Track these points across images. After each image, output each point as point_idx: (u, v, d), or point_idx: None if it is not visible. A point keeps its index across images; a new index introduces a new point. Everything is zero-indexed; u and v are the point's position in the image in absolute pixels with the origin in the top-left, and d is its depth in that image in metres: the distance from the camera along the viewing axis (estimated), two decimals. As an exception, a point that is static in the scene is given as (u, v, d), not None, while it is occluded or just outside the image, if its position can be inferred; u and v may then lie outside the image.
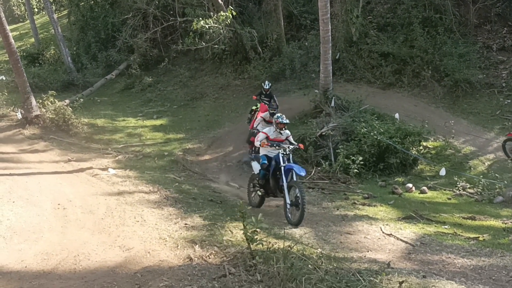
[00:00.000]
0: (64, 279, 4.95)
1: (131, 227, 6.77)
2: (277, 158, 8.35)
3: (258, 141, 8.79)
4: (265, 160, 8.62)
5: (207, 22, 16.36)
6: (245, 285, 4.34)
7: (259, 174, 8.77)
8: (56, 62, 23.02)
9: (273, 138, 8.89)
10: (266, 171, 8.59)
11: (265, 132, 9.06)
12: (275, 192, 8.49)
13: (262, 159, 8.74)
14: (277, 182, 8.35)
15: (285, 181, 8.02)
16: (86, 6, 23.94)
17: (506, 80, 15.64)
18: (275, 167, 8.41)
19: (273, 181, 8.46)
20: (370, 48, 17.38)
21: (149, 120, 16.62)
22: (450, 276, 5.06)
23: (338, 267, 4.75)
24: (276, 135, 8.93)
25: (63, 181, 9.46)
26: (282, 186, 8.07)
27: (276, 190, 8.43)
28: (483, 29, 17.71)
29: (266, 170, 8.57)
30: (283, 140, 8.94)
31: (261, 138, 8.87)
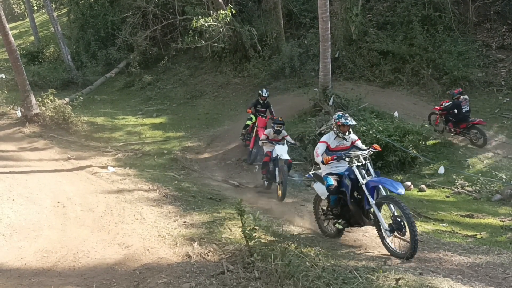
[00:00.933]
0: (64, 276, 4.99)
1: (130, 225, 6.79)
2: (351, 174, 6.28)
3: (319, 156, 6.73)
4: (331, 181, 6.55)
5: (207, 21, 16.37)
6: (243, 282, 4.37)
7: (329, 201, 6.72)
8: (56, 60, 23.09)
9: (335, 147, 6.86)
10: (337, 195, 6.60)
11: (324, 140, 6.92)
12: (362, 220, 6.38)
13: (326, 180, 6.66)
14: (360, 205, 6.28)
15: (372, 201, 6.02)
16: (86, 4, 23.96)
17: (505, 79, 15.68)
18: (352, 187, 6.32)
19: (354, 206, 6.32)
20: (369, 46, 17.42)
21: (148, 118, 16.66)
22: (447, 273, 5.09)
23: (335, 264, 4.79)
24: (339, 142, 6.87)
25: (62, 179, 9.48)
26: (369, 210, 6.16)
27: (361, 217, 6.33)
28: (482, 27, 17.73)
29: (337, 193, 6.59)
30: (349, 147, 6.88)
31: (320, 150, 6.78)
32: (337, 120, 6.80)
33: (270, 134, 10.78)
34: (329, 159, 6.49)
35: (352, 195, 6.31)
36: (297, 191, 10.61)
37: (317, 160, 6.75)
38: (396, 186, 5.82)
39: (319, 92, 14.46)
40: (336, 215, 6.70)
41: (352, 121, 6.78)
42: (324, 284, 4.05)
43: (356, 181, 6.18)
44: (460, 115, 12.72)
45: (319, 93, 14.39)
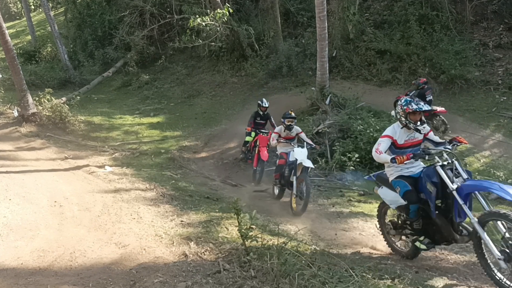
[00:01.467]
0: (60, 275, 4.98)
1: (127, 224, 6.78)
2: (433, 177, 5.03)
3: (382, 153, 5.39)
4: (407, 185, 5.28)
5: (204, 20, 16.37)
6: (239, 281, 4.38)
7: (407, 212, 5.41)
8: (53, 59, 23.09)
9: (404, 143, 5.49)
10: (418, 204, 5.27)
11: (387, 135, 5.52)
12: (452, 237, 5.15)
13: (398, 186, 5.40)
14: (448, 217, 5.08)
15: (473, 218, 4.76)
16: (83, 4, 23.98)
17: (502, 78, 15.69)
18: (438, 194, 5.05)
19: (441, 219, 5.11)
20: (366, 45, 17.44)
21: (146, 118, 16.66)
22: (442, 271, 5.11)
23: (331, 263, 4.80)
24: (409, 136, 5.50)
25: (59, 179, 9.47)
26: (460, 223, 5.08)
27: (451, 232, 5.12)
28: (479, 26, 17.74)
29: (417, 201, 5.26)
30: (421, 142, 5.58)
31: (383, 147, 5.44)
32: (405, 106, 5.34)
33: (281, 131, 9.73)
34: (405, 158, 5.11)
35: (437, 205, 5.04)
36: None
37: (380, 159, 5.40)
38: (509, 192, 4.39)
39: (316, 91, 14.47)
40: (416, 231, 5.38)
41: (426, 106, 5.39)
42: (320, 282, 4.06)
43: (441, 185, 4.97)
44: None
45: (317, 92, 14.40)
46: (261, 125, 12.18)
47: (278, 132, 9.73)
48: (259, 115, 12.27)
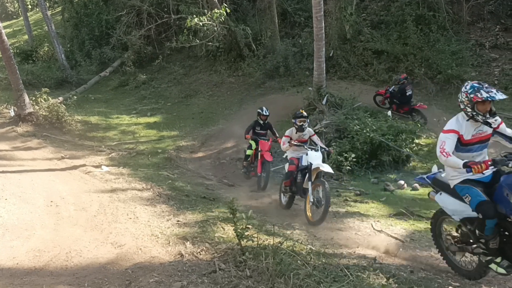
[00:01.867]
0: (56, 275, 4.99)
1: (124, 224, 6.79)
2: None
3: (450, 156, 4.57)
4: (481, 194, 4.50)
5: (201, 20, 16.37)
6: (235, 280, 4.39)
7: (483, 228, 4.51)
8: (50, 59, 23.06)
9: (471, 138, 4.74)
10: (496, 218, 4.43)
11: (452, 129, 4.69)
12: None
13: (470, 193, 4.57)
14: None
15: None
16: (80, 3, 23.94)
17: (498, 78, 15.73)
18: None
19: None
20: (363, 45, 17.45)
21: (143, 118, 16.65)
22: (437, 271, 5.14)
23: (326, 263, 4.83)
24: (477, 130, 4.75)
25: (56, 178, 9.47)
26: None
27: None
28: (476, 26, 17.80)
29: (495, 216, 4.41)
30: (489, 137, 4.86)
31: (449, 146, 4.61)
32: (472, 94, 4.45)
33: (293, 134, 8.87)
34: (484, 168, 4.26)
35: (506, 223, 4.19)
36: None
37: (449, 163, 4.51)
38: None
39: (313, 91, 14.49)
40: (492, 251, 4.45)
41: (500, 94, 4.42)
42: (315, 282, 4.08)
43: None
44: (405, 98, 13.83)
45: (313, 92, 14.42)
46: (262, 135, 11.13)
47: (289, 135, 8.81)
48: (259, 124, 11.22)
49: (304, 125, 8.77)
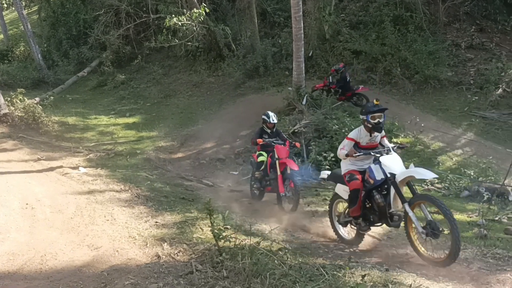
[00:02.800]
0: (29, 279, 4.91)
1: (101, 226, 6.72)
2: None
3: None
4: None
5: (180, 19, 16.27)
6: (211, 281, 4.39)
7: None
8: (26, 59, 22.70)
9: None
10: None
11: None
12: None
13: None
14: None
15: None
16: (57, 2, 23.57)
17: (474, 78, 16.04)
18: None
19: None
20: (342, 45, 17.59)
21: (121, 118, 16.50)
22: (412, 269, 5.21)
23: (303, 262, 4.85)
24: None
25: (32, 180, 9.31)
26: None
27: None
28: (452, 27, 18.12)
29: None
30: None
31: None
32: None
33: (360, 136, 6.24)
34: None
35: None
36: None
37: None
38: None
39: (292, 91, 14.55)
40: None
41: None
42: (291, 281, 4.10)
43: None
44: (347, 85, 14.60)
45: (293, 92, 14.47)
46: (269, 146, 9.22)
47: (355, 138, 6.23)
48: (266, 132, 9.48)
49: (381, 122, 6.10)
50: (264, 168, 9.17)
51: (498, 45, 17.03)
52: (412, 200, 5.57)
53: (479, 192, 9.95)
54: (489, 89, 15.11)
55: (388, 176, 5.74)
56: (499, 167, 11.23)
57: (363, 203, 6.07)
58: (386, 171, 5.78)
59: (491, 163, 11.31)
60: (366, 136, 6.20)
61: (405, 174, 5.62)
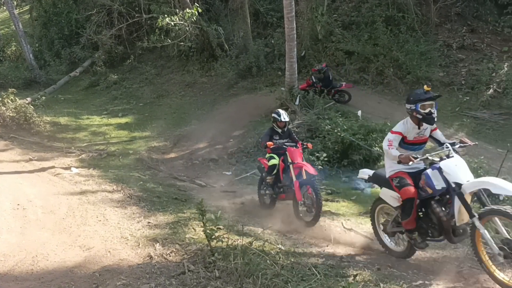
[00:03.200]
0: (20, 280, 4.89)
1: (93, 227, 6.71)
2: None
3: None
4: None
5: (173, 19, 16.26)
6: (203, 281, 4.39)
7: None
8: (18, 59, 22.58)
9: None
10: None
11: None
12: None
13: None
14: None
15: None
16: (49, 2, 23.47)
17: (465, 78, 16.16)
18: None
19: None
20: (335, 46, 17.67)
21: (114, 118, 16.43)
22: (404, 268, 5.24)
23: (295, 262, 4.87)
24: None
25: (23, 181, 9.26)
26: None
27: None
28: (443, 28, 18.24)
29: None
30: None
31: None
32: None
33: (408, 130, 5.40)
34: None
35: None
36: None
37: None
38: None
39: (285, 91, 14.58)
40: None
41: None
42: (283, 281, 4.11)
43: None
44: (330, 83, 15.14)
45: (286, 93, 14.50)
46: (280, 148, 8.34)
47: (402, 131, 5.34)
48: (276, 133, 8.62)
49: (433, 112, 5.23)
50: (276, 173, 8.31)
51: (489, 46, 17.16)
52: (484, 213, 4.59)
53: (470, 192, 9.98)
54: (480, 90, 15.24)
55: (452, 186, 4.81)
56: (490, 166, 11.30)
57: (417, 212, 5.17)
58: (449, 179, 4.85)
59: (482, 162, 11.36)
60: (413, 129, 5.32)
61: (476, 186, 4.69)
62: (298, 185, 7.71)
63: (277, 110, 8.83)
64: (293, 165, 7.96)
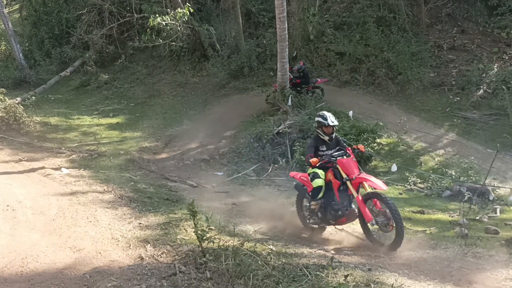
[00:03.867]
0: (10, 282, 4.85)
1: (83, 228, 6.67)
2: None
3: None
4: None
5: (164, 19, 16.19)
6: (194, 282, 4.38)
7: None
8: (7, 58, 22.37)
9: None
10: None
11: None
12: None
13: None
14: None
15: None
16: (39, 1, 23.21)
17: (456, 79, 16.25)
18: None
19: None
20: (326, 46, 17.68)
21: (105, 118, 16.33)
22: (394, 268, 5.27)
23: (286, 263, 4.88)
24: None
25: (13, 182, 9.18)
26: None
27: None
28: (434, 28, 18.34)
29: None
30: None
31: None
32: None
33: None
34: None
35: None
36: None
37: None
38: None
39: (277, 91, 14.58)
40: None
41: None
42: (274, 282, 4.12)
43: None
44: (308, 80, 15.26)
45: (278, 93, 14.51)
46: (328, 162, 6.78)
47: None
48: (323, 142, 6.95)
49: None
50: (324, 195, 6.70)
51: (479, 47, 17.29)
52: None
53: (460, 192, 10.05)
54: (470, 90, 15.33)
55: None
56: (480, 167, 11.41)
57: None
58: None
59: (473, 163, 11.48)
60: None
61: None
62: (362, 201, 6.34)
63: (322, 113, 7.09)
64: (351, 181, 6.43)
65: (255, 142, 12.72)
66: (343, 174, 6.50)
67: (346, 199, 6.61)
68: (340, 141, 7.12)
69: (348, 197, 6.59)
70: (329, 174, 6.67)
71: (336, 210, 6.60)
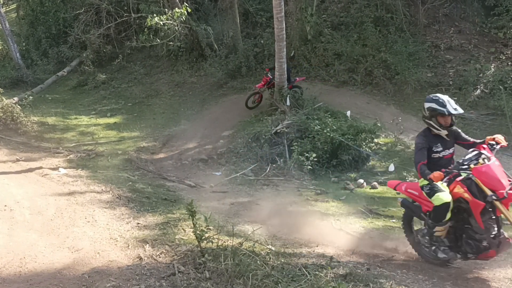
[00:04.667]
0: (8, 282, 4.84)
1: (81, 228, 6.66)
2: None
3: None
4: None
5: (162, 19, 16.16)
6: (193, 283, 4.38)
7: None
8: (4, 58, 22.26)
9: None
10: None
11: None
12: None
13: None
14: None
15: None
16: (36, 0, 23.11)
17: (453, 79, 16.27)
18: None
19: None
20: (324, 46, 17.67)
21: (102, 118, 16.30)
22: (393, 268, 5.28)
23: (285, 263, 4.88)
24: None
25: (10, 182, 9.14)
26: None
27: None
28: (431, 29, 18.36)
29: None
30: None
31: None
32: None
33: None
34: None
35: None
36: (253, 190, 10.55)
37: None
38: None
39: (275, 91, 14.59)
40: None
41: None
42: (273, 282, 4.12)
43: None
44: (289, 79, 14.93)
45: (275, 93, 14.51)
46: (444, 162, 5.30)
47: None
48: (437, 138, 5.42)
49: None
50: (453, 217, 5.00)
51: (476, 47, 17.32)
52: None
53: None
54: (467, 90, 15.35)
55: None
56: (477, 166, 11.42)
57: None
58: None
59: (470, 163, 11.48)
60: None
61: None
62: None
63: (436, 96, 5.40)
64: (501, 200, 4.57)
65: (253, 142, 12.72)
66: (485, 189, 4.65)
67: (493, 224, 4.73)
68: (460, 136, 5.35)
69: (496, 220, 4.73)
70: (458, 186, 4.85)
71: (479, 240, 4.79)
